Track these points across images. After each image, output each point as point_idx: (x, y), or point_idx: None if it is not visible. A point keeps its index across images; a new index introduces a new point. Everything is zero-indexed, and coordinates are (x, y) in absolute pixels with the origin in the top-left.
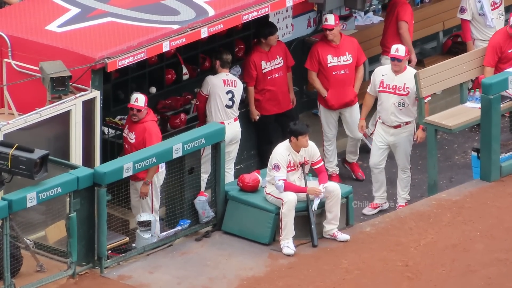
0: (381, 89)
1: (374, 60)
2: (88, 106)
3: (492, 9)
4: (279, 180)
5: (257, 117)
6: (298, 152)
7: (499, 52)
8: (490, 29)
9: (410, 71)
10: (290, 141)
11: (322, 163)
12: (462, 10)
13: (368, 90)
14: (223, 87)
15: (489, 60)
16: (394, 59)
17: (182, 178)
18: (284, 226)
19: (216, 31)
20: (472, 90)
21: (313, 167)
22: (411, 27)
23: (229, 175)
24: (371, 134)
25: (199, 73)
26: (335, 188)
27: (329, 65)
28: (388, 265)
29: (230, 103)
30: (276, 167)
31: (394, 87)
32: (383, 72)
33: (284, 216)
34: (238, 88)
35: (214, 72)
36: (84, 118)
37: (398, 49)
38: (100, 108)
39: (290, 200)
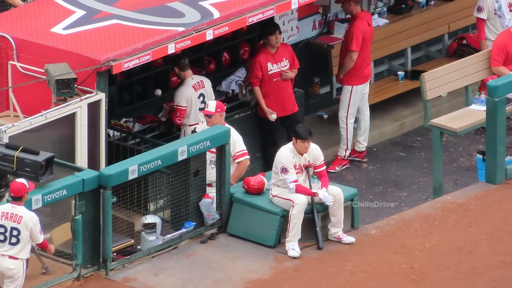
0: None
1: (379, 63)
2: (93, 108)
3: (510, 10)
4: (290, 182)
5: (274, 115)
6: (301, 154)
7: (505, 52)
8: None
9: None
10: (293, 143)
11: (325, 167)
12: (479, 9)
13: None
14: (195, 93)
15: (498, 60)
16: (204, 114)
17: (187, 181)
18: (292, 227)
19: (221, 33)
20: (478, 93)
21: (315, 171)
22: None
23: None
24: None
25: (204, 75)
26: (337, 192)
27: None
28: (393, 268)
29: (202, 105)
30: (284, 170)
31: None
32: None
33: (293, 218)
34: (207, 87)
35: (181, 80)
36: (90, 121)
37: (208, 105)
38: (106, 111)
39: (301, 202)
